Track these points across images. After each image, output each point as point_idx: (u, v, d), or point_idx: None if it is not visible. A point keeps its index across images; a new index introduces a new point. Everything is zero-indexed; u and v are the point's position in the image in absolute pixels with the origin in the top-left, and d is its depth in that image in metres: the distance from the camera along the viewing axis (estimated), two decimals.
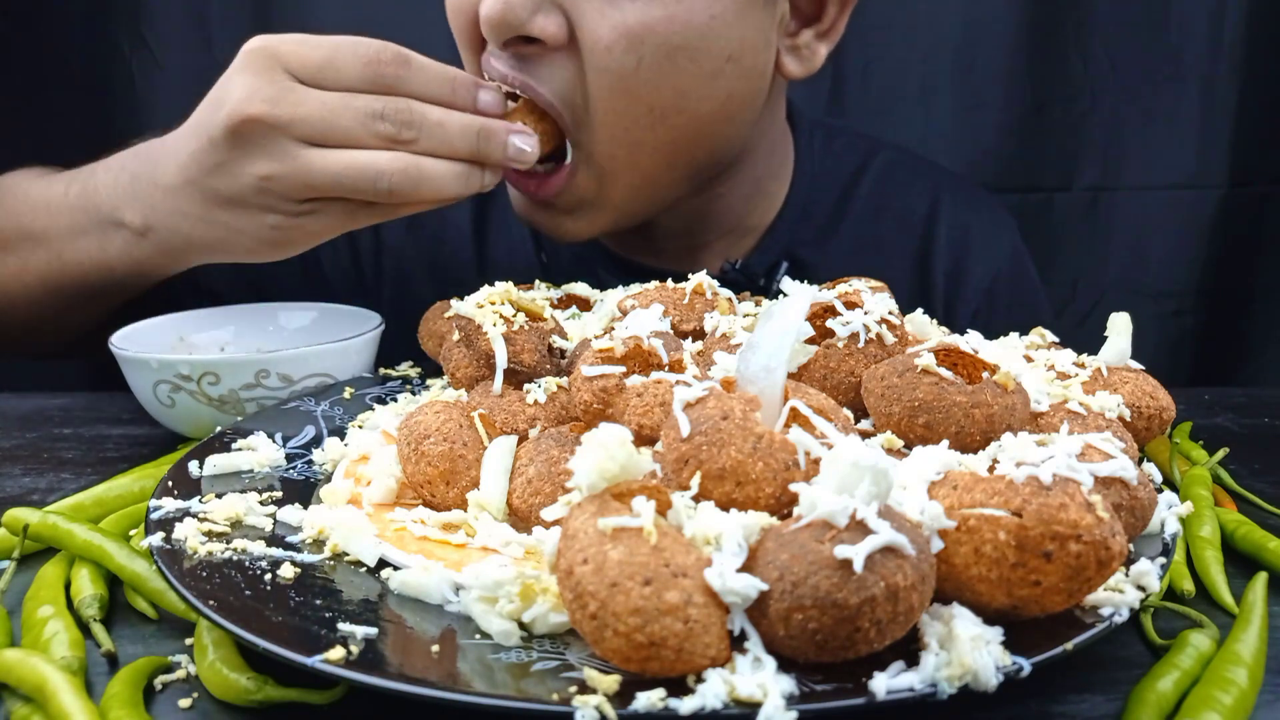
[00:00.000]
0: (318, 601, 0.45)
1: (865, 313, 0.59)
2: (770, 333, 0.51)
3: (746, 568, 0.39)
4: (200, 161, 0.69)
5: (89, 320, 0.88)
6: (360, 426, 0.69)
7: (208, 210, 0.70)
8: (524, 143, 0.72)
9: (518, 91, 0.77)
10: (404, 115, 0.68)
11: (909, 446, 0.52)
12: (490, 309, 0.63)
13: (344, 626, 0.42)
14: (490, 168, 0.72)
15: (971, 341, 0.58)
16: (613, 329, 0.65)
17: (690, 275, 0.72)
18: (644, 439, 0.52)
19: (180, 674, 0.46)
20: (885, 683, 0.37)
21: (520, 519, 0.54)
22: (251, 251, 0.73)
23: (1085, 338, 0.76)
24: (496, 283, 0.67)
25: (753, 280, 0.93)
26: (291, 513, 0.55)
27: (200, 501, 0.55)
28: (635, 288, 0.75)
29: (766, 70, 0.85)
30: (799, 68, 0.87)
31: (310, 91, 0.67)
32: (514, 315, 0.63)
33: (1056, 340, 0.67)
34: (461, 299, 0.67)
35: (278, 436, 0.66)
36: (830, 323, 0.59)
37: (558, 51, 0.76)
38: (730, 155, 0.89)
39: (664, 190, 0.86)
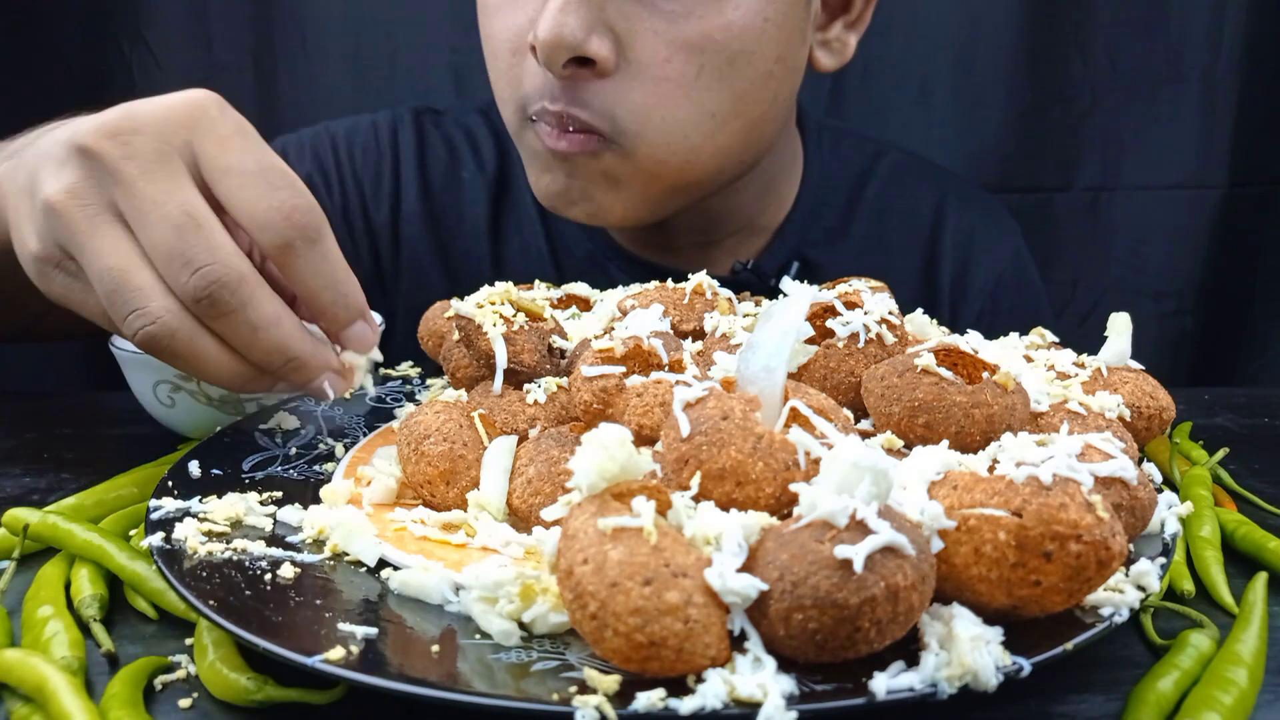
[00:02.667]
0: (318, 601, 0.45)
1: (865, 313, 0.59)
2: (770, 333, 0.51)
3: (746, 568, 0.39)
4: (56, 142, 0.56)
5: (20, 313, 0.78)
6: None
7: (16, 193, 0.58)
8: (331, 387, 0.59)
9: (570, 128, 0.78)
10: (218, 290, 0.53)
11: (909, 446, 0.52)
12: (490, 309, 0.63)
13: (344, 626, 0.42)
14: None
15: (971, 341, 0.59)
16: (613, 329, 0.65)
17: (690, 277, 0.72)
18: (644, 439, 0.52)
19: (180, 674, 0.46)
20: (885, 683, 0.37)
21: (520, 519, 0.54)
22: (22, 262, 0.59)
23: (1085, 338, 0.76)
24: (497, 283, 0.67)
25: (764, 281, 0.94)
26: (291, 513, 0.55)
27: (200, 501, 0.55)
28: (635, 288, 0.75)
29: (803, 66, 0.87)
30: (831, 60, 0.89)
31: (178, 179, 0.54)
32: (514, 315, 0.63)
33: (1056, 340, 0.67)
34: (462, 299, 0.67)
35: (277, 436, 0.66)
36: (830, 323, 0.59)
37: (606, 78, 0.77)
38: (767, 151, 0.90)
39: (706, 190, 0.87)
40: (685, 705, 0.36)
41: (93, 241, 0.54)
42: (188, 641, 0.47)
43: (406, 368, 0.82)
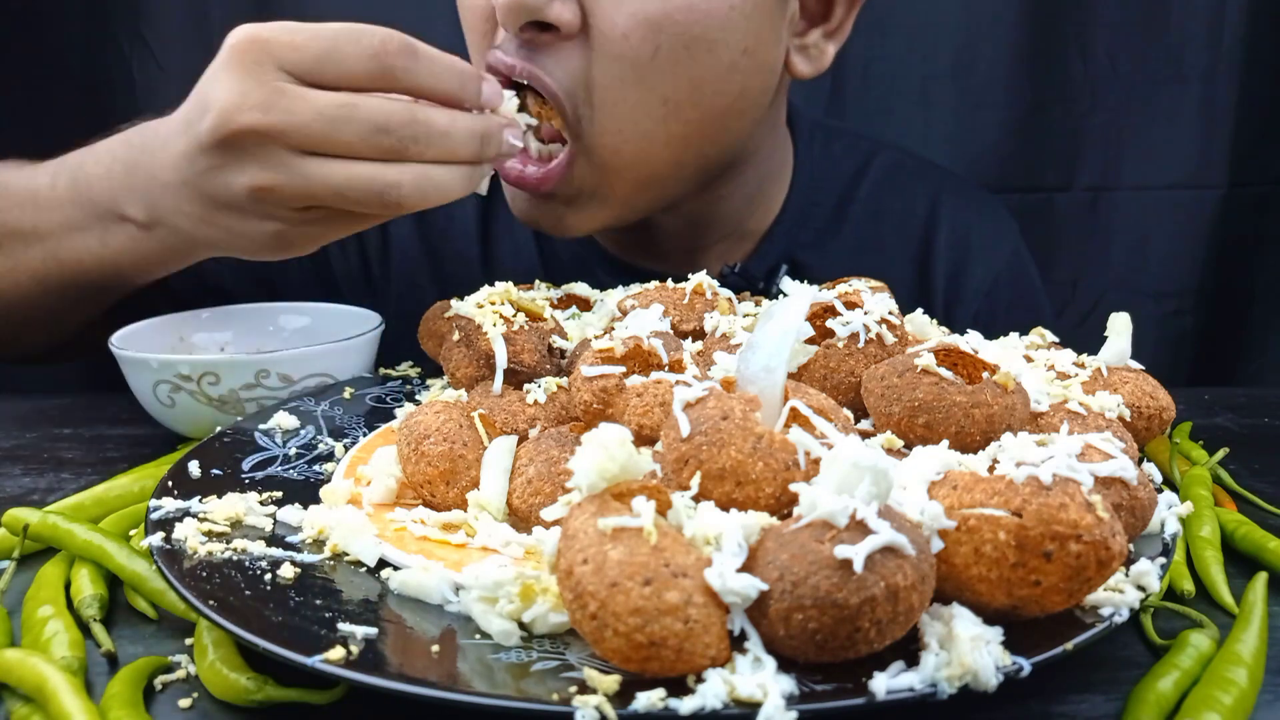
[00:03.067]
0: (318, 601, 0.45)
1: (865, 313, 0.59)
2: (770, 333, 0.51)
3: (746, 568, 0.39)
4: (193, 164, 0.64)
5: (87, 317, 0.86)
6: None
7: (207, 212, 0.66)
8: (514, 137, 0.68)
9: (524, 81, 0.76)
10: (410, 129, 0.62)
11: (909, 446, 0.52)
12: (490, 309, 0.63)
13: (344, 626, 0.42)
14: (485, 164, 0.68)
15: (971, 341, 0.59)
16: (613, 329, 0.65)
17: (690, 277, 0.72)
18: (644, 439, 0.52)
19: (180, 674, 0.46)
20: (885, 683, 0.37)
21: (520, 519, 0.54)
22: (256, 253, 0.69)
23: (1085, 338, 0.75)
24: (497, 283, 0.67)
25: (752, 284, 0.93)
26: (291, 513, 0.55)
27: (200, 501, 0.55)
28: (635, 288, 0.75)
29: (776, 67, 0.85)
30: (808, 67, 0.88)
31: (305, 95, 0.61)
32: (514, 315, 0.63)
33: (1056, 340, 0.67)
34: (462, 299, 0.67)
35: (277, 436, 0.66)
36: (830, 323, 0.59)
37: (568, 41, 0.75)
38: (736, 154, 0.89)
39: (670, 187, 0.86)
40: (685, 705, 0.36)
41: (312, 184, 0.62)
42: (188, 641, 0.47)
43: (406, 368, 0.82)
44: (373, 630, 0.42)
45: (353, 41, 0.62)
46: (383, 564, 0.50)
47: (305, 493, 0.59)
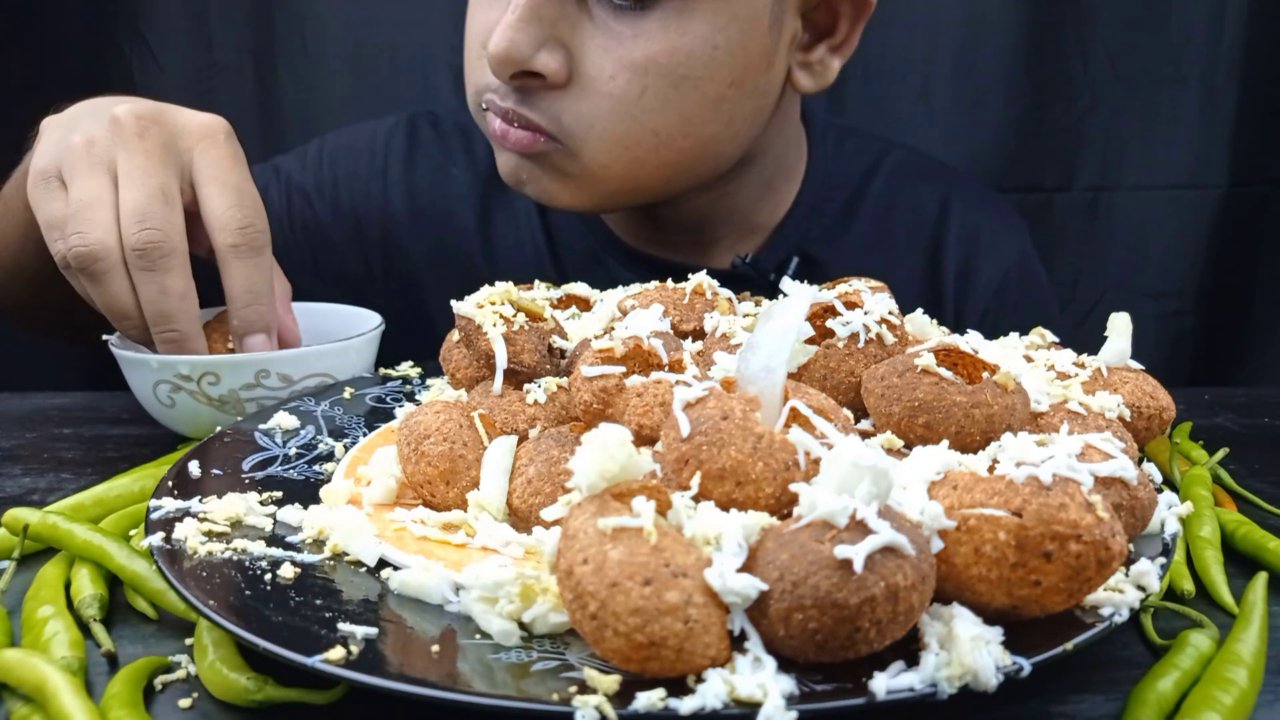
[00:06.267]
0: (318, 601, 0.45)
1: (865, 313, 0.59)
2: (770, 333, 0.51)
3: (746, 568, 0.39)
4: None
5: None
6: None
7: (54, 131, 0.74)
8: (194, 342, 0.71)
9: (515, 124, 0.81)
10: (153, 253, 0.67)
11: (909, 446, 0.52)
12: (490, 309, 0.63)
13: (344, 626, 0.42)
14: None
15: (971, 341, 0.59)
16: (613, 329, 0.65)
17: (690, 276, 0.72)
18: (644, 439, 0.52)
19: (180, 674, 0.46)
20: (885, 683, 0.37)
21: (520, 519, 0.54)
22: (29, 175, 0.72)
23: (1085, 338, 0.76)
24: (497, 282, 0.67)
25: (763, 275, 0.94)
26: (291, 513, 0.55)
27: (200, 501, 0.55)
28: (635, 288, 0.75)
29: (772, 89, 0.87)
30: (811, 82, 0.90)
31: (166, 170, 0.69)
32: (514, 315, 0.63)
33: (1056, 340, 0.67)
34: (461, 298, 0.67)
35: (277, 436, 0.66)
36: (830, 323, 0.59)
37: (558, 89, 0.79)
38: (731, 165, 0.90)
39: (657, 196, 0.88)
40: (685, 705, 0.36)
41: (84, 177, 0.68)
42: (188, 641, 0.47)
43: (406, 368, 0.82)
44: (373, 630, 0.42)
45: (239, 200, 0.71)
46: (383, 564, 0.50)
47: (305, 493, 0.59)
